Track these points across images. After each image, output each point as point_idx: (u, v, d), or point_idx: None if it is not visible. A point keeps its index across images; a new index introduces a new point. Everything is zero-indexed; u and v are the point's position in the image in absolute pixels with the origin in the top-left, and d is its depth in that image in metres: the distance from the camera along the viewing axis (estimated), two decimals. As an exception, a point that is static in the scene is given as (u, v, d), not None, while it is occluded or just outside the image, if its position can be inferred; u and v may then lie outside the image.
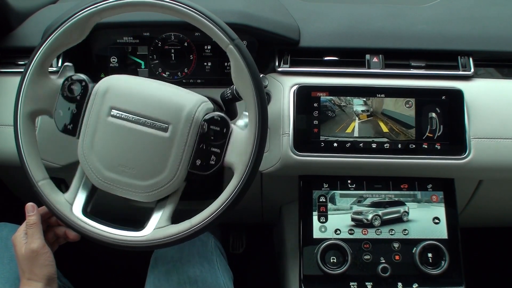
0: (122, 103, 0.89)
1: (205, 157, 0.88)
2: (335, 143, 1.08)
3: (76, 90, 0.91)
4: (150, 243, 0.87)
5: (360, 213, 1.11)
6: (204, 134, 0.87)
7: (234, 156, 0.87)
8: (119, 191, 0.91)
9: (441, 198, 1.12)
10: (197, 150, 0.88)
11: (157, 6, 0.86)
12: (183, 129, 0.87)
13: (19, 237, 0.94)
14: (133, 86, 0.91)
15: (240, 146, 0.86)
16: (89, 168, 0.91)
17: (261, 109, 0.84)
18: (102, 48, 1.22)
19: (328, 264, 1.07)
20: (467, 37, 1.19)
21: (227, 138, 0.87)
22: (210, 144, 0.87)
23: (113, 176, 0.90)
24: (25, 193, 1.40)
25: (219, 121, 0.87)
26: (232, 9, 1.14)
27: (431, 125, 1.08)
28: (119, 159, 0.89)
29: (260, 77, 0.87)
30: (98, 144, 0.90)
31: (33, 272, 0.91)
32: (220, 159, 0.87)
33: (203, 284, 1.06)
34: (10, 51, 1.21)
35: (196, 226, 0.86)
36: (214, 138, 0.87)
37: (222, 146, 0.87)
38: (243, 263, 1.82)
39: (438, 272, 1.06)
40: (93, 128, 0.90)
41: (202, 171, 0.88)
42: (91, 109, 0.90)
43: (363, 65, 1.15)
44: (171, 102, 0.89)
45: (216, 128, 0.87)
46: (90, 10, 0.88)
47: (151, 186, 0.89)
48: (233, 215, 0.87)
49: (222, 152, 0.87)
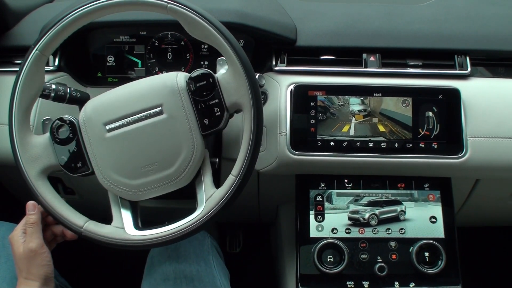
0: (110, 115, 0.89)
1: (209, 113, 0.88)
2: (332, 142, 1.08)
3: (64, 131, 0.91)
4: (208, 216, 0.87)
5: (357, 212, 1.11)
6: (195, 94, 0.88)
7: (233, 96, 0.88)
8: (154, 191, 0.91)
9: (438, 197, 1.13)
10: (199, 112, 0.88)
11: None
12: (175, 101, 0.88)
13: (16, 236, 0.94)
14: (111, 96, 0.91)
15: (233, 84, 0.87)
16: (118, 188, 0.91)
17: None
18: (99, 47, 1.22)
19: (325, 263, 1.07)
20: (464, 36, 1.19)
21: (217, 85, 0.88)
22: (207, 100, 0.88)
23: (142, 181, 0.90)
24: (21, 192, 1.40)
25: (201, 76, 0.88)
26: (229, 8, 1.14)
27: (428, 124, 1.08)
28: (138, 163, 0.89)
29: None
30: (113, 163, 0.90)
31: (31, 272, 0.91)
32: (223, 106, 0.88)
33: (199, 283, 1.06)
34: (7, 50, 1.21)
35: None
36: (206, 92, 0.88)
37: (217, 94, 0.88)
38: (240, 263, 1.82)
39: (435, 271, 1.06)
40: (100, 152, 0.90)
41: (215, 127, 0.89)
42: (89, 138, 0.90)
43: (360, 64, 1.15)
44: (150, 87, 0.89)
45: (203, 83, 0.88)
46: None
47: (179, 168, 0.89)
48: (230, 214, 0.87)
49: (221, 99, 0.88)
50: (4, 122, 1.11)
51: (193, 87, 0.88)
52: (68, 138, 0.91)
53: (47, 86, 0.95)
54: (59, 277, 1.14)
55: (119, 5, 0.87)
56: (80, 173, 0.92)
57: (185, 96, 0.88)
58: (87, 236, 0.90)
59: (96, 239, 0.89)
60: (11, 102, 0.90)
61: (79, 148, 0.91)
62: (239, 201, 0.89)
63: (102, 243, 0.90)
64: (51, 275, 0.94)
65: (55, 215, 0.91)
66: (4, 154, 1.10)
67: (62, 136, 0.91)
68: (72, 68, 1.19)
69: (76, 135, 0.90)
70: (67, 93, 0.97)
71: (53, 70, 1.16)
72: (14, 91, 0.90)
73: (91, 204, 1.18)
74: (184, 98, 0.88)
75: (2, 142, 1.11)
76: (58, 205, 0.91)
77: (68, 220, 0.90)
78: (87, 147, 0.90)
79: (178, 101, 0.88)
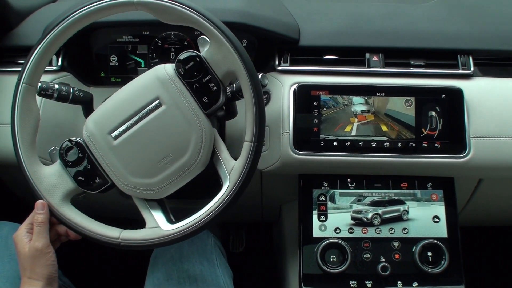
0: (112, 123, 0.90)
1: (206, 91, 0.89)
2: (335, 142, 1.08)
3: (73, 153, 0.91)
4: (236, 188, 0.87)
5: (360, 212, 1.11)
6: (186, 77, 0.89)
7: (223, 66, 0.88)
8: (177, 182, 0.91)
9: (441, 197, 1.13)
10: (195, 93, 0.89)
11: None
12: (170, 89, 0.89)
13: (20, 236, 0.94)
14: (107, 105, 0.92)
15: (219, 56, 0.87)
16: (141, 191, 0.91)
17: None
18: (102, 47, 1.22)
19: (328, 263, 1.07)
20: (467, 36, 1.19)
21: (205, 62, 0.88)
22: (199, 79, 0.88)
23: (162, 176, 0.90)
24: (22, 191, 1.40)
25: (188, 58, 0.88)
26: (232, 8, 1.14)
27: (431, 123, 1.08)
28: (153, 159, 0.89)
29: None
30: (129, 168, 0.90)
31: (35, 271, 0.91)
32: (217, 79, 0.88)
33: (202, 283, 1.06)
34: (10, 50, 1.22)
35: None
36: (197, 72, 0.88)
37: (208, 71, 0.88)
38: (243, 262, 1.82)
39: (438, 271, 1.06)
40: (113, 162, 0.90)
41: (216, 103, 0.89)
42: (98, 152, 0.90)
43: (363, 64, 1.15)
44: (142, 84, 0.90)
45: (191, 64, 0.88)
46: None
47: (194, 152, 0.89)
48: (233, 213, 0.87)
49: (213, 73, 0.88)
50: (4, 122, 1.11)
51: (183, 70, 0.89)
52: (78, 158, 0.91)
53: (50, 86, 0.95)
54: (62, 276, 1.14)
55: (88, 16, 0.89)
56: (101, 188, 0.93)
57: (177, 82, 0.89)
58: (126, 246, 0.90)
59: (135, 245, 0.89)
60: (14, 141, 0.91)
61: (92, 165, 0.91)
62: (242, 201, 0.89)
63: (142, 247, 0.90)
64: (55, 274, 0.94)
65: (89, 235, 0.91)
66: (5, 153, 1.10)
67: (72, 158, 0.91)
68: (75, 68, 1.19)
69: (86, 153, 0.91)
70: (70, 93, 0.97)
71: (56, 70, 1.16)
72: (13, 131, 0.91)
73: (94, 204, 1.18)
74: (177, 84, 0.89)
75: (2, 142, 1.11)
76: (89, 224, 0.92)
77: (103, 235, 0.90)
78: (100, 161, 0.91)
79: (172, 88, 0.89)
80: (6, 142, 1.07)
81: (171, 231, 0.88)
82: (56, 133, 1.10)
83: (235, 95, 0.97)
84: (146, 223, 0.91)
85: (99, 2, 0.88)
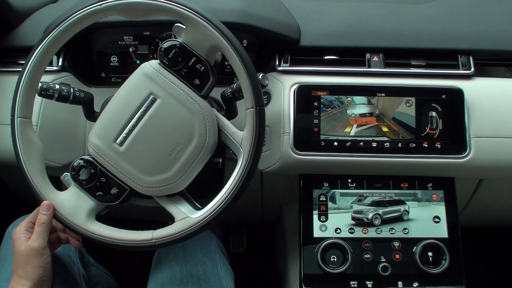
0: (113, 131, 0.90)
1: (195, 73, 0.90)
2: (335, 142, 1.08)
3: (85, 171, 0.92)
4: (250, 159, 0.88)
5: (360, 212, 1.11)
6: (172, 65, 0.90)
7: (203, 43, 0.88)
8: (192, 169, 0.91)
9: (441, 197, 1.13)
10: (185, 78, 0.90)
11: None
12: (160, 82, 0.90)
13: (19, 233, 0.94)
14: (104, 116, 0.92)
15: (197, 35, 0.88)
16: (161, 188, 0.91)
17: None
18: (103, 47, 1.22)
19: (328, 263, 1.08)
20: (467, 36, 1.19)
21: (186, 46, 0.89)
22: (185, 64, 0.89)
23: (176, 167, 0.90)
24: (23, 191, 1.40)
25: (169, 48, 0.89)
26: (232, 8, 1.14)
27: (431, 124, 1.08)
28: (163, 153, 0.90)
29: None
30: (142, 168, 0.90)
31: (26, 270, 0.91)
32: (202, 60, 0.89)
33: (205, 283, 1.06)
34: (11, 50, 1.22)
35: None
36: (180, 58, 0.89)
37: (190, 54, 0.89)
38: (243, 262, 1.82)
39: (438, 271, 1.06)
40: (126, 167, 0.90)
41: (207, 82, 0.90)
42: (109, 162, 0.91)
43: (363, 64, 1.15)
44: (132, 85, 0.91)
45: (173, 52, 0.89)
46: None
47: (200, 136, 0.89)
48: (233, 214, 0.87)
49: (196, 54, 0.89)
50: (4, 122, 1.11)
51: (167, 61, 0.89)
52: (91, 175, 0.92)
53: (51, 86, 0.95)
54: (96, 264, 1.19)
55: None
56: (122, 198, 0.93)
57: (165, 73, 0.90)
58: (161, 244, 0.90)
59: (170, 240, 0.89)
60: (25, 176, 0.92)
61: (106, 177, 0.92)
62: (243, 201, 0.89)
63: (178, 241, 0.90)
64: (45, 278, 0.93)
65: (124, 245, 0.91)
66: (6, 153, 1.10)
67: (85, 177, 0.92)
68: (75, 68, 1.19)
69: (97, 168, 0.92)
70: (70, 93, 0.97)
71: (56, 70, 1.17)
72: (22, 167, 0.92)
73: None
74: (166, 75, 0.90)
75: (3, 142, 1.11)
76: (120, 234, 0.91)
77: (137, 241, 0.90)
78: (112, 170, 0.91)
79: (162, 80, 0.89)
80: (6, 142, 1.07)
81: (201, 216, 0.89)
82: (56, 133, 1.11)
83: (235, 95, 0.97)
84: (175, 217, 0.91)
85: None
